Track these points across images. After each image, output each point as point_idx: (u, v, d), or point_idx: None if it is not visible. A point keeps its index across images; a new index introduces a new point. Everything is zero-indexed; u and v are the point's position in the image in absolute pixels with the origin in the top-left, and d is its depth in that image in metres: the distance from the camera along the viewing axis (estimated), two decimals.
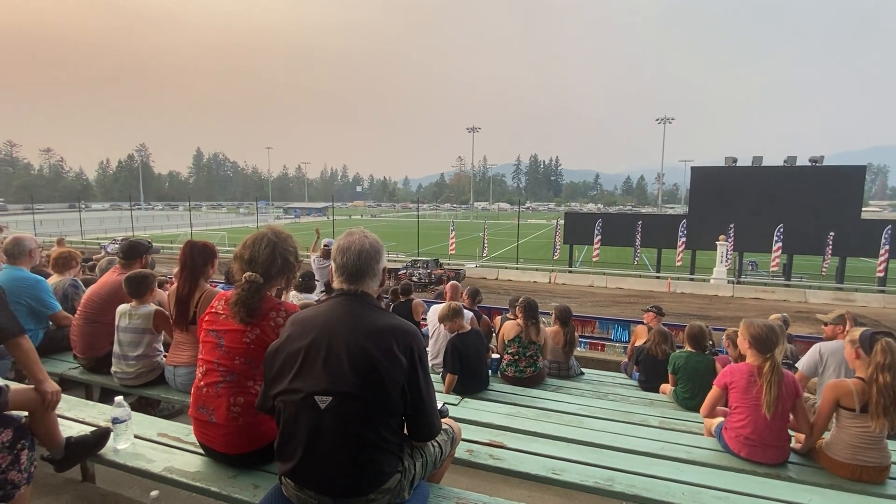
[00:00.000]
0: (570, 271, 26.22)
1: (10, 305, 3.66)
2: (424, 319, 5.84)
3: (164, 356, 3.42)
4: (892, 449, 2.63)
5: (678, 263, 24.64)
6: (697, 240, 24.06)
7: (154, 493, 1.83)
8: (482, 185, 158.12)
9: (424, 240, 37.34)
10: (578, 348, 8.29)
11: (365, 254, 1.64)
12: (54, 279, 4.59)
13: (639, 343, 5.55)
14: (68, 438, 2.06)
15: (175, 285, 3.24)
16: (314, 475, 1.51)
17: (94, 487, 2.37)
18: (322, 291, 6.66)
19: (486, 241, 31.12)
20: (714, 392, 2.94)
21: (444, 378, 4.32)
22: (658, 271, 25.68)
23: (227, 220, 68.86)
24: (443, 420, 2.03)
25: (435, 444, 1.83)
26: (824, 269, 22.92)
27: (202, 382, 2.01)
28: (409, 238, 39.94)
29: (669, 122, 78.61)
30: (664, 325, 5.74)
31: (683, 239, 24.07)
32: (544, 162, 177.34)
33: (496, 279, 25.65)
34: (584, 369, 5.65)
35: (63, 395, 2.63)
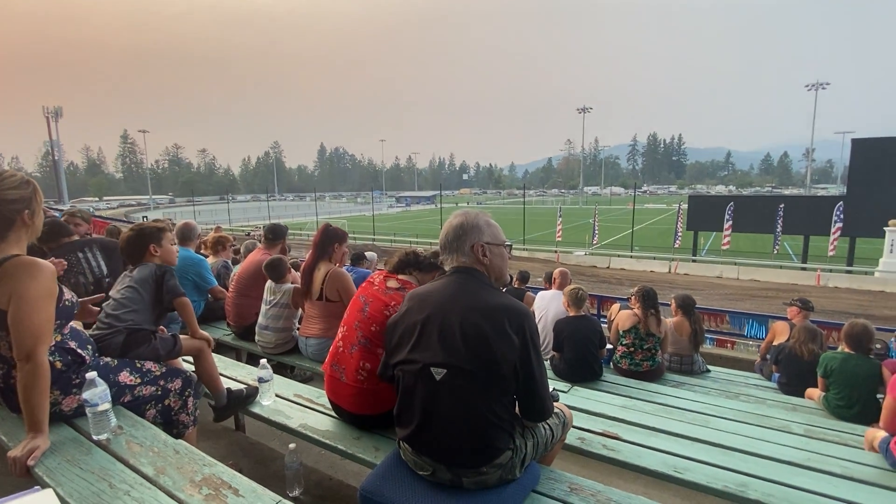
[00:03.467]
0: (693, 260, 23.89)
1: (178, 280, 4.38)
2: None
3: (298, 328, 3.84)
4: None
5: (831, 253, 21.15)
6: (858, 225, 20.35)
7: (292, 445, 2.06)
8: (593, 168, 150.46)
9: (531, 226, 36.76)
10: (704, 344, 7.58)
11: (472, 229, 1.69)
12: (210, 260, 5.39)
13: (778, 341, 4.90)
14: (228, 389, 2.42)
15: (307, 258, 3.62)
16: (430, 442, 1.59)
17: (245, 436, 2.76)
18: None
19: (596, 228, 29.69)
20: (890, 403, 2.50)
21: (551, 361, 4.26)
22: (804, 262, 22.26)
23: (346, 208, 74.49)
24: (554, 404, 2.01)
25: (546, 426, 1.82)
26: None
27: (340, 342, 2.21)
28: (514, 225, 39.59)
29: (823, 88, 66.88)
30: (812, 321, 4.99)
31: (839, 224, 20.51)
32: (664, 140, 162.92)
33: (608, 268, 24.38)
34: (710, 367, 5.16)
35: (219, 357, 3.10)
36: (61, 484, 1.39)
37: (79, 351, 1.76)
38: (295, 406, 2.43)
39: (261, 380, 2.48)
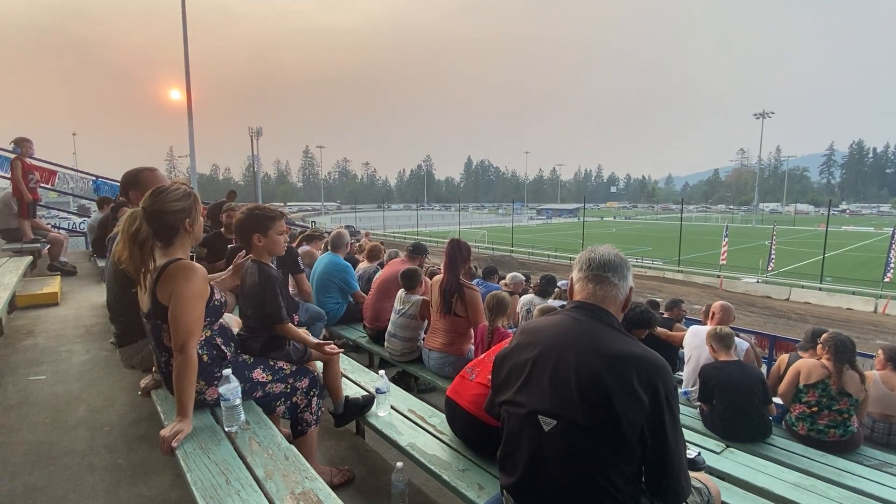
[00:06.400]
0: None
1: (325, 282, 4.81)
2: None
3: (423, 339, 3.91)
4: None
5: None
6: None
7: (399, 464, 2.04)
8: (772, 181, 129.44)
9: (689, 246, 32.94)
10: None
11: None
12: (364, 265, 5.90)
13: None
14: (346, 398, 2.52)
15: (441, 276, 3.67)
16: (535, 500, 1.40)
17: (363, 442, 2.85)
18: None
19: (773, 251, 25.37)
20: None
21: (701, 412, 3.66)
22: None
23: (487, 219, 76.05)
24: (695, 474, 1.64)
25: None
26: None
27: (484, 355, 2.24)
28: (668, 243, 35.97)
29: None
30: None
31: None
32: (874, 149, 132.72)
33: (786, 300, 20.61)
34: None
35: (349, 360, 3.27)
36: (192, 470, 1.54)
37: (223, 347, 1.97)
38: (407, 423, 2.43)
39: (378, 391, 2.53)
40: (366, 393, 2.67)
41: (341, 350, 2.42)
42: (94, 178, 10.19)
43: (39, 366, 3.20)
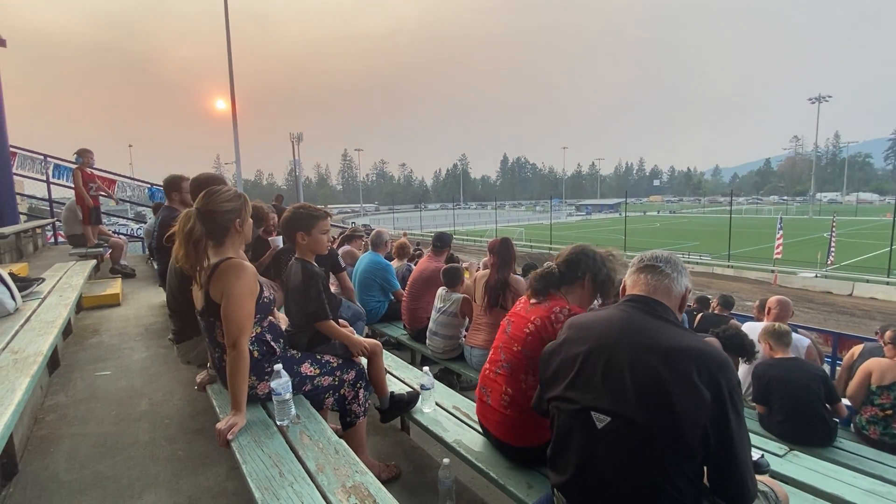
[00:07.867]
0: None
1: (367, 281, 4.87)
2: None
3: (465, 336, 3.89)
4: None
5: None
6: None
7: (446, 460, 2.03)
8: (830, 170, 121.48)
9: (739, 240, 31.38)
10: None
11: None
12: (395, 263, 5.95)
13: None
14: (392, 394, 2.54)
15: (487, 272, 3.64)
16: (588, 499, 1.36)
17: (408, 438, 2.87)
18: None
19: (832, 244, 23.75)
20: None
21: (758, 414, 3.46)
22: None
23: (524, 217, 75.06)
24: (760, 478, 1.55)
25: None
26: None
27: (488, 364, 2.14)
28: (716, 237, 34.37)
29: None
30: None
31: None
32: None
33: (850, 295, 19.26)
34: None
35: (392, 356, 3.29)
36: (247, 462, 1.59)
37: (272, 343, 2.02)
38: (452, 419, 2.42)
39: (422, 387, 2.53)
40: (410, 389, 2.69)
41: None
42: (149, 185, 10.77)
43: (104, 362, 3.40)
